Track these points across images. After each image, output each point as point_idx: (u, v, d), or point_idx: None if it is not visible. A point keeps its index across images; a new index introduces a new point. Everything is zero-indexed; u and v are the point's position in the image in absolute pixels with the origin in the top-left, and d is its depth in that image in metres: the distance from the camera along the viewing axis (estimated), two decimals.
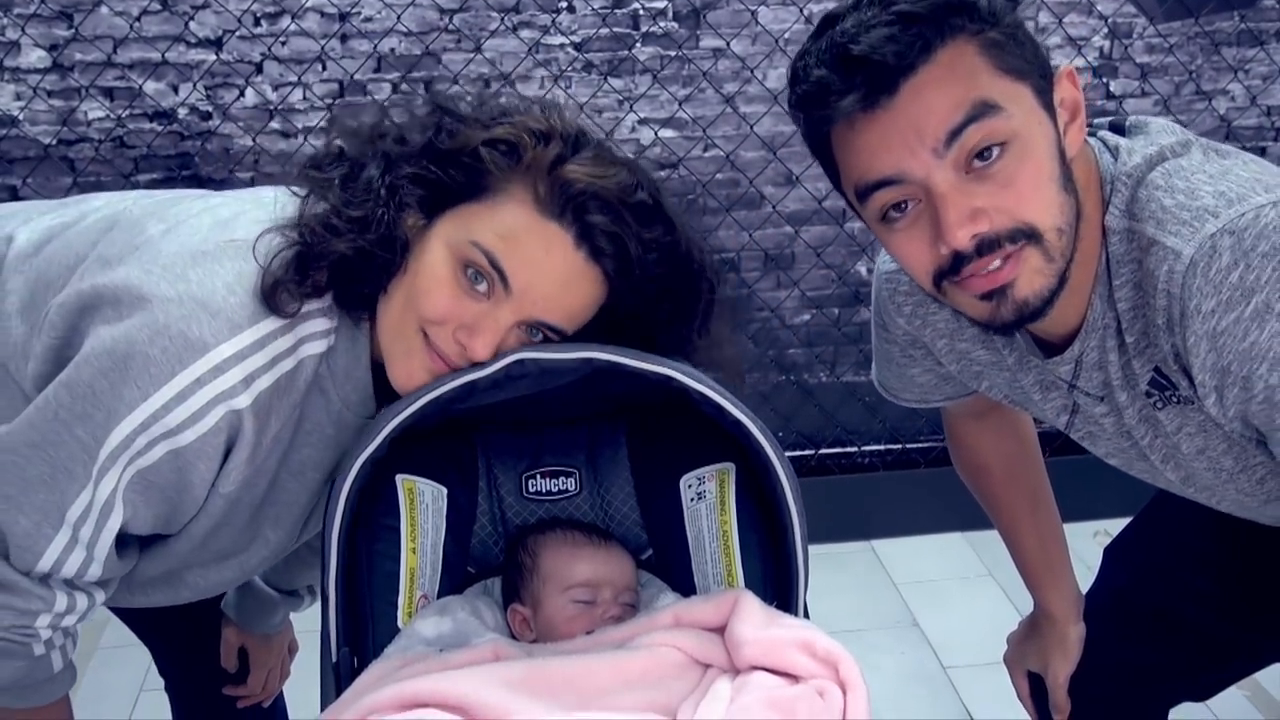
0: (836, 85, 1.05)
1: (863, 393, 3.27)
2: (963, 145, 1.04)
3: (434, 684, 1.08)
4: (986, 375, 1.37)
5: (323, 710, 1.16)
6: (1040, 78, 1.09)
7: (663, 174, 3.36)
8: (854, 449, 3.28)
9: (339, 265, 1.14)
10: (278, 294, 1.11)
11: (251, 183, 3.27)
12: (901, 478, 3.27)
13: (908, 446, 3.24)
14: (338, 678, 1.20)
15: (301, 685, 1.63)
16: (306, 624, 1.54)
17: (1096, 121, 1.22)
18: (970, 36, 1.05)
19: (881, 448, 3.27)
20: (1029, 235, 1.07)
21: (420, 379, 1.17)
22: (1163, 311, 1.08)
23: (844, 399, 3.30)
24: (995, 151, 1.05)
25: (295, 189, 1.19)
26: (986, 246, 1.06)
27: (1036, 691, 1.64)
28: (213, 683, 1.70)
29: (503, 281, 1.13)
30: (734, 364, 1.30)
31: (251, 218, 1.18)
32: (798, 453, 3.22)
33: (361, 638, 1.24)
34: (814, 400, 3.29)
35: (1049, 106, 1.09)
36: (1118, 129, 1.20)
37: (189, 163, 3.26)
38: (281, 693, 1.81)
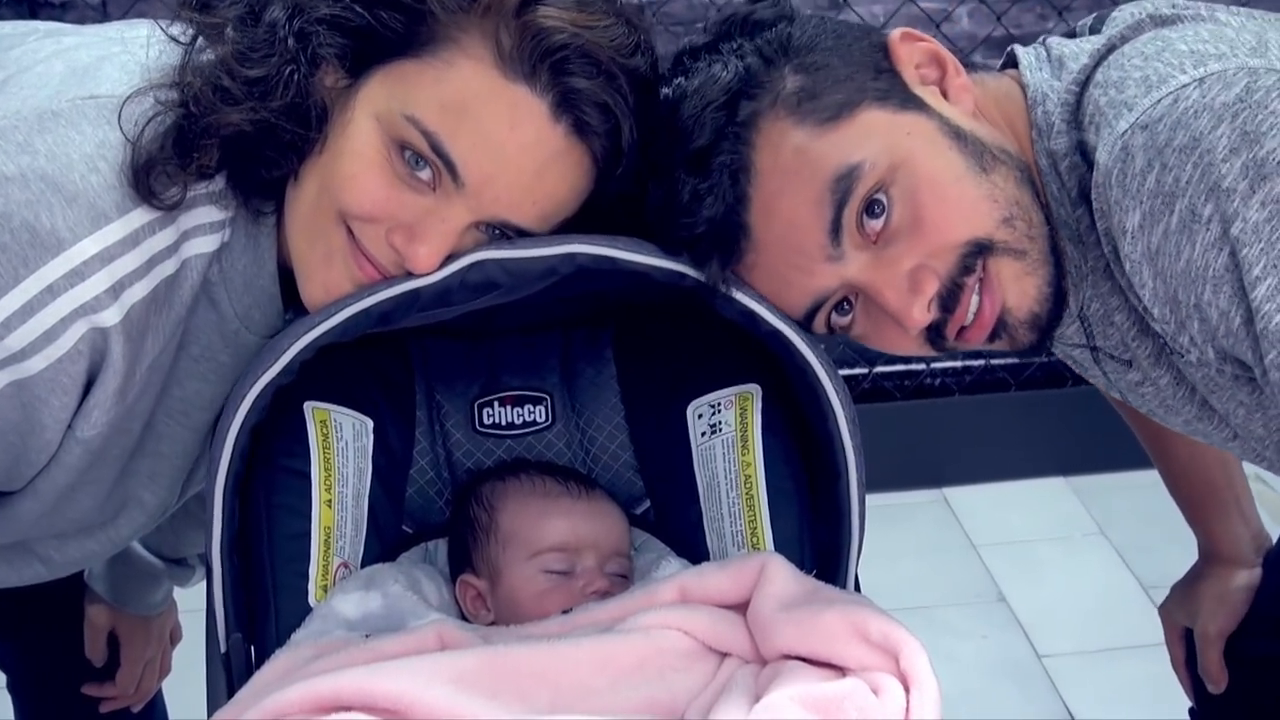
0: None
1: None
2: (848, 228, 1.12)
3: (359, 680, 1.08)
4: None
5: (209, 716, 1.16)
6: (875, 75, 1.16)
7: None
8: (921, 366, 3.29)
9: (233, 141, 1.13)
10: (153, 176, 1.10)
11: (103, 10, 3.22)
12: (984, 404, 3.29)
13: (992, 363, 3.25)
14: (229, 674, 1.21)
15: (184, 682, 1.64)
16: (191, 603, 1.55)
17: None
18: (771, 109, 1.13)
19: (958, 364, 3.28)
20: (980, 249, 1.13)
21: (342, 291, 1.18)
22: (1106, 237, 1.12)
23: None
24: (883, 202, 1.12)
25: (175, 32, 1.17)
26: (950, 297, 1.14)
27: (1194, 657, 1.67)
28: (70, 679, 1.71)
29: (450, 172, 1.13)
30: None
31: (119, 65, 1.16)
32: (847, 371, 3.23)
33: (260, 620, 1.25)
34: None
35: (907, 98, 1.16)
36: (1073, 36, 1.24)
37: None
38: (160, 692, 1.83)
